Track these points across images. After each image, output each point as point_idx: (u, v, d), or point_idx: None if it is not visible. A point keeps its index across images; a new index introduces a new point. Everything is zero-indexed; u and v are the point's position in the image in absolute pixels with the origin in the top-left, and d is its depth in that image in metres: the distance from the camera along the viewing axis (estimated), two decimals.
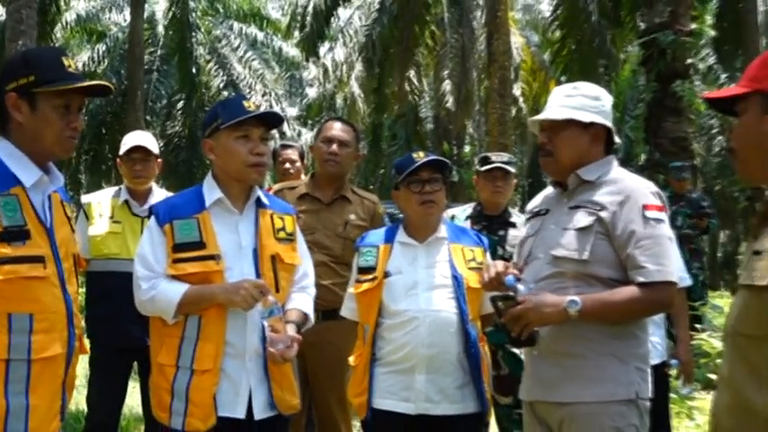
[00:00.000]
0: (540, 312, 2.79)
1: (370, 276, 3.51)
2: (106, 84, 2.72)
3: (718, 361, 6.10)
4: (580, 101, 3.01)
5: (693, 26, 10.51)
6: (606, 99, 3.09)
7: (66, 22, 22.11)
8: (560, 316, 2.79)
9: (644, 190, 2.95)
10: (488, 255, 3.58)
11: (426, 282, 3.46)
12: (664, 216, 2.94)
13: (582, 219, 2.91)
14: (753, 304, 1.96)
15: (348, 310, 3.67)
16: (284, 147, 5.93)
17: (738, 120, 2.10)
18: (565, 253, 2.90)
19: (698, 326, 8.04)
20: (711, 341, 7.36)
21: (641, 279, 2.82)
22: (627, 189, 2.94)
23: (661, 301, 2.92)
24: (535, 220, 3.13)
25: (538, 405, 2.99)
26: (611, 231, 2.87)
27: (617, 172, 3.03)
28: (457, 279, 3.45)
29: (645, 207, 2.89)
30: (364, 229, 4.19)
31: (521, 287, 2.85)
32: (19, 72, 2.51)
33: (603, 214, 2.88)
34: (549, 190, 3.21)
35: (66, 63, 2.57)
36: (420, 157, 3.52)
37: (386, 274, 3.49)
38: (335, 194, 4.45)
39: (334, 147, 4.41)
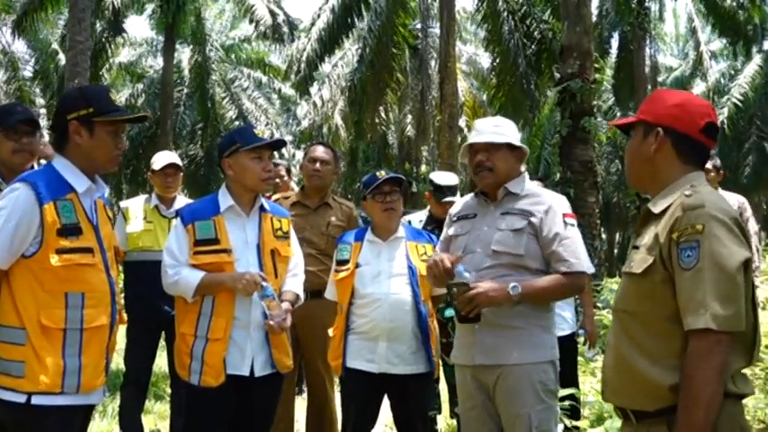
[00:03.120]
0: (489, 296, 2.76)
1: (345, 267, 3.52)
2: (146, 114, 2.77)
3: None
4: (507, 131, 3.04)
5: (597, 76, 10.62)
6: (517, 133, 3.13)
7: (112, 66, 21.89)
8: (504, 298, 2.78)
9: (562, 202, 3.01)
10: (436, 249, 3.58)
11: (388, 271, 3.47)
12: (575, 222, 2.99)
13: (516, 222, 2.91)
14: (631, 288, 1.99)
15: (330, 293, 3.67)
16: (275, 165, 5.89)
17: (629, 141, 2.14)
18: (503, 248, 2.88)
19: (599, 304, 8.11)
20: (609, 316, 7.43)
21: (564, 269, 2.85)
22: (548, 201, 2.97)
23: (577, 286, 2.96)
24: (464, 222, 3.07)
25: (477, 369, 2.91)
26: (539, 233, 2.89)
27: (532, 186, 3.06)
28: (411, 269, 3.46)
29: (564, 215, 2.94)
30: (343, 229, 4.20)
31: (467, 275, 2.81)
32: (79, 105, 2.49)
33: (533, 219, 2.90)
34: (468, 198, 3.17)
35: (113, 98, 2.57)
36: (382, 175, 3.54)
37: (357, 265, 3.49)
38: (320, 202, 4.44)
39: (318, 165, 4.41)
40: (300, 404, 4.64)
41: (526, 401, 2.80)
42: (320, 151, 4.48)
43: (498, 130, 3.02)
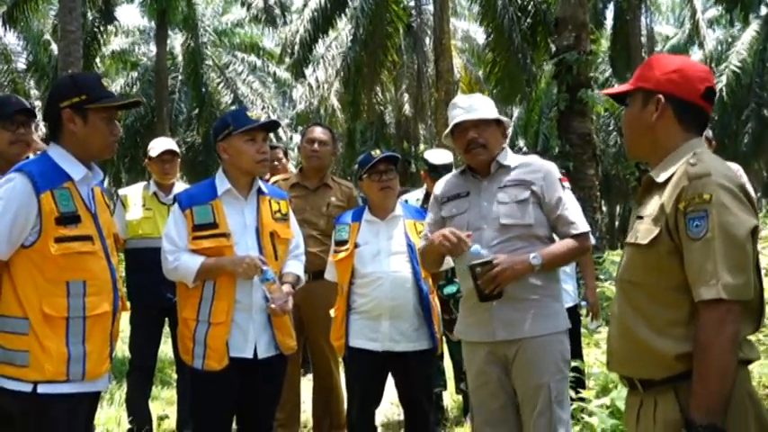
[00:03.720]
0: (514, 270, 2.75)
1: (344, 248, 3.53)
2: (139, 99, 2.75)
3: None
4: (491, 106, 3.03)
5: (592, 47, 10.58)
6: None
7: (106, 55, 21.78)
8: (527, 270, 2.78)
9: (554, 167, 3.03)
10: (426, 233, 3.53)
11: (387, 250, 3.47)
12: (569, 186, 3.05)
13: (519, 193, 2.90)
14: (635, 258, 1.96)
15: (330, 274, 3.67)
16: (273, 148, 5.85)
17: (627, 109, 2.11)
18: (512, 221, 2.87)
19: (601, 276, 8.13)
20: (612, 288, 7.43)
21: (574, 231, 2.89)
22: (543, 168, 2.97)
23: (587, 245, 3.00)
24: (458, 201, 3.01)
25: (495, 345, 2.87)
26: (542, 200, 2.90)
27: (516, 156, 3.07)
28: (411, 247, 3.46)
29: (560, 179, 2.97)
30: (343, 209, 4.19)
31: (485, 252, 2.77)
32: (72, 92, 2.47)
33: (534, 188, 2.90)
34: (450, 177, 3.15)
35: (105, 84, 2.57)
36: (377, 154, 3.53)
37: (356, 245, 3.49)
38: (319, 182, 4.43)
39: (316, 146, 4.40)
40: (306, 385, 4.66)
41: (545, 372, 2.82)
42: (318, 132, 4.47)
43: (484, 106, 3.01)
